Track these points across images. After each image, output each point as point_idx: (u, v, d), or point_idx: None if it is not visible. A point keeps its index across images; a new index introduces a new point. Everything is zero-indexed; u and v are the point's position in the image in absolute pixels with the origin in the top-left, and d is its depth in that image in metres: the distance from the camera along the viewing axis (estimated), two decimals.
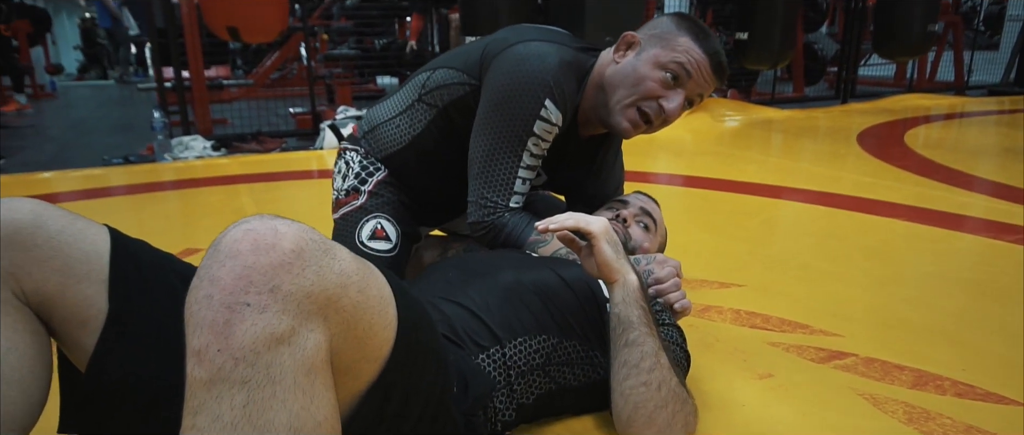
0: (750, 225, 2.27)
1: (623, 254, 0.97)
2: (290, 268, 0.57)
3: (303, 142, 4.19)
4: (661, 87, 1.21)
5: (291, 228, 0.59)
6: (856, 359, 1.31)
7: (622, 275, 0.95)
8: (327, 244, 0.62)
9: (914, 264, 1.87)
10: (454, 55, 1.34)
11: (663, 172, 3.23)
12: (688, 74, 1.20)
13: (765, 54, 4.68)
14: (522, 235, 1.25)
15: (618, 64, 1.24)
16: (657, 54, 1.21)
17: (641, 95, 1.21)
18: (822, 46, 6.70)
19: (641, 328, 0.93)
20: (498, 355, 0.97)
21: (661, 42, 1.21)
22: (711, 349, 1.37)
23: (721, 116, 4.75)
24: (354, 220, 1.40)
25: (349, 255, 0.63)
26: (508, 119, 1.21)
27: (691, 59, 1.19)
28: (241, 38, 3.47)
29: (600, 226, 0.95)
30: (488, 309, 1.00)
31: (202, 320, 0.56)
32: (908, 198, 2.56)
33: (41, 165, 3.59)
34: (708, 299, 1.62)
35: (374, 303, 0.64)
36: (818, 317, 1.51)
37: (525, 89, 1.18)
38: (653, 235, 1.31)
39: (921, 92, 6.08)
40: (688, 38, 1.20)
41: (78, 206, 2.68)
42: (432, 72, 1.34)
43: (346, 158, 1.46)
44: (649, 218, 1.31)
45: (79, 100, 7.90)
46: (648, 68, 1.21)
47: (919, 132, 4.30)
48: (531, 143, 1.22)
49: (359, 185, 1.41)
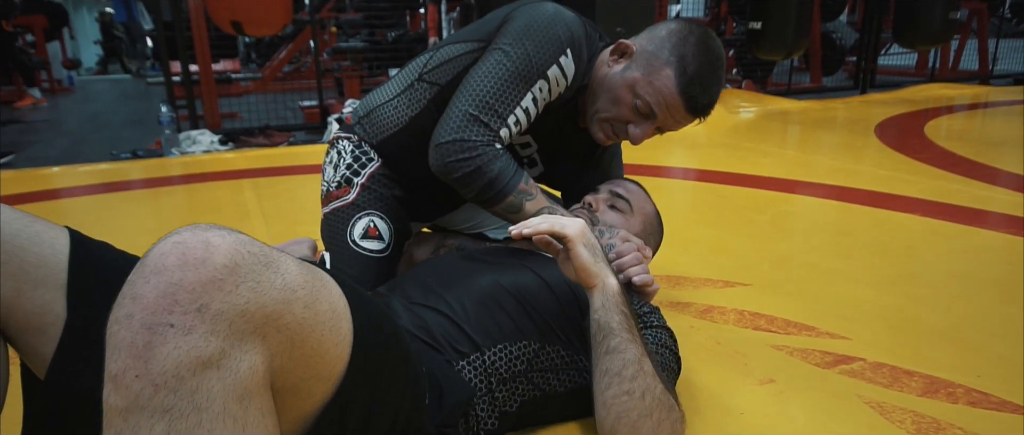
0: (759, 221, 2.20)
1: (602, 257, 0.93)
2: (221, 285, 0.53)
3: (312, 135, 4.18)
4: (632, 113, 1.18)
5: (226, 240, 0.55)
6: (863, 364, 1.25)
7: (601, 279, 0.91)
8: (269, 256, 0.57)
9: (929, 262, 1.79)
10: (465, 30, 1.28)
11: (673, 166, 3.16)
12: (654, 114, 1.16)
13: (779, 44, 4.58)
14: (510, 183, 1.13)
15: (609, 70, 1.20)
16: (636, 80, 1.16)
17: (614, 116, 1.19)
18: (841, 35, 6.55)
19: (622, 334, 0.88)
20: (479, 362, 0.94)
21: (645, 67, 1.16)
22: (711, 352, 1.31)
23: (735, 107, 4.65)
24: (346, 216, 1.36)
25: (296, 267, 0.59)
26: (528, 50, 1.13)
27: (661, 101, 1.14)
28: (245, 32, 3.44)
29: (576, 229, 0.91)
30: (466, 316, 0.97)
31: (120, 342, 0.52)
32: (926, 192, 2.48)
33: (51, 160, 3.60)
34: (711, 299, 1.56)
35: (324, 318, 0.60)
36: (825, 318, 1.45)
37: (551, 29, 1.14)
38: (629, 217, 1.25)
39: (943, 82, 5.92)
40: (671, 71, 1.13)
41: (79, 202, 2.68)
42: (435, 51, 1.29)
43: (338, 147, 1.40)
44: (621, 200, 1.26)
45: (96, 94, 7.98)
46: (625, 91, 1.17)
47: (940, 123, 4.18)
48: (538, 86, 1.15)
49: (351, 177, 1.35)
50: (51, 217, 0.85)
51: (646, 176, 2.84)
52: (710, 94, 1.15)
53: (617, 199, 1.27)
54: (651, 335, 1.05)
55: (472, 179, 1.13)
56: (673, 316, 1.47)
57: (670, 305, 1.53)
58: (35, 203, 2.60)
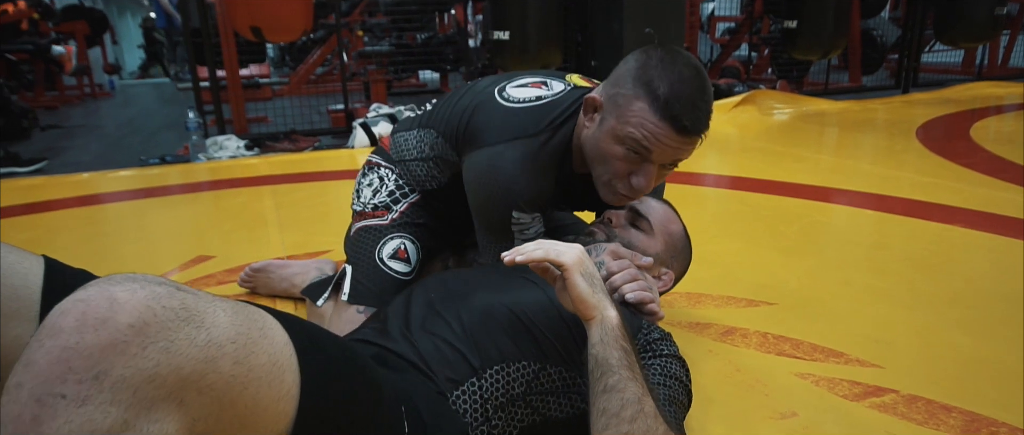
0: (789, 233, 2.10)
1: (601, 287, 0.86)
2: (124, 348, 0.48)
3: (338, 140, 4.17)
4: (626, 163, 1.08)
5: (135, 296, 0.50)
6: (896, 397, 1.16)
7: (599, 311, 0.84)
8: (191, 310, 0.52)
9: (972, 280, 1.67)
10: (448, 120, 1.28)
11: (702, 172, 3.05)
12: (646, 150, 1.05)
13: (815, 43, 4.42)
14: None
15: (587, 131, 1.13)
16: (614, 127, 1.07)
17: (611, 175, 1.11)
18: (882, 32, 6.31)
19: (622, 372, 0.81)
20: (474, 388, 0.89)
21: (616, 110, 1.07)
22: (730, 380, 1.23)
23: (769, 109, 4.51)
24: (377, 234, 1.38)
25: (227, 318, 0.54)
26: (488, 224, 1.24)
27: (645, 133, 1.03)
28: (265, 38, 3.44)
29: (573, 257, 0.84)
30: (463, 336, 0.93)
31: (8, 417, 0.47)
32: (970, 201, 2.33)
33: (83, 166, 3.66)
34: (733, 319, 1.48)
35: (261, 372, 0.55)
36: (856, 343, 1.35)
37: (491, 208, 1.20)
38: (651, 237, 1.18)
39: (991, 80, 5.65)
40: (644, 103, 1.02)
41: (102, 209, 2.70)
42: (436, 137, 1.30)
43: (381, 174, 1.43)
44: (642, 219, 1.18)
45: (135, 98, 8.15)
46: (608, 143, 1.08)
47: (988, 125, 3.97)
48: (514, 230, 1.21)
49: (392, 205, 1.39)
50: (73, 224, 0.81)
51: (671, 183, 2.75)
52: (696, 108, 1.02)
53: (638, 217, 1.20)
54: (659, 365, 0.98)
55: None
56: (691, 338, 1.39)
57: (689, 326, 1.45)
58: (59, 210, 2.63)
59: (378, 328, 0.97)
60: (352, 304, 1.30)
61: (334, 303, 1.34)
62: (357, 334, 0.99)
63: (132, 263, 1.96)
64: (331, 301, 1.35)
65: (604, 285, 0.87)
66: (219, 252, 2.03)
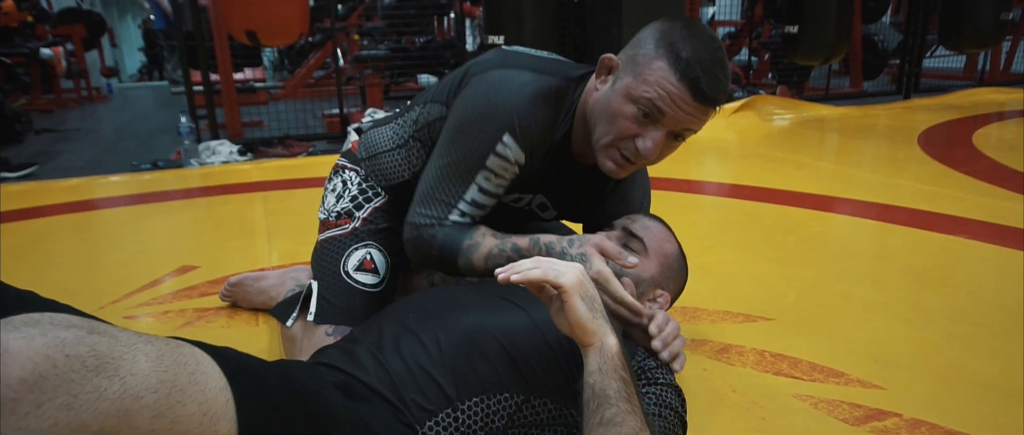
0: (788, 244, 2.05)
1: (601, 311, 0.81)
2: (15, 406, 0.42)
3: (333, 145, 4.13)
4: (635, 124, 1.03)
5: (32, 344, 0.44)
6: (899, 421, 1.11)
7: (598, 338, 0.78)
8: (104, 356, 0.46)
9: (976, 295, 1.62)
10: (443, 84, 1.23)
11: (700, 179, 3.00)
12: (660, 111, 1.01)
13: (816, 48, 4.37)
14: (455, 241, 1.10)
15: (598, 92, 1.09)
16: (629, 85, 1.03)
17: (616, 135, 1.05)
18: (883, 37, 6.26)
19: (620, 404, 0.76)
20: (449, 420, 0.83)
21: (634, 68, 1.03)
22: (725, 402, 1.18)
23: (769, 114, 4.46)
24: (342, 245, 1.30)
25: (147, 364, 0.48)
26: (461, 147, 1.10)
27: (662, 92, 0.99)
28: (260, 42, 3.40)
29: (572, 278, 0.78)
30: (441, 361, 0.86)
31: None
32: (973, 210, 2.28)
33: (74, 171, 3.61)
34: (729, 336, 1.43)
35: (190, 425, 0.50)
36: (857, 362, 1.30)
37: (485, 119, 1.08)
38: (644, 259, 1.12)
39: (994, 86, 5.60)
40: (664, 63, 0.99)
41: (90, 216, 2.65)
42: (423, 107, 1.24)
43: (344, 177, 1.37)
44: (635, 240, 1.13)
45: (133, 101, 8.12)
46: (620, 102, 1.03)
47: (990, 131, 3.93)
48: (481, 177, 1.10)
49: (354, 210, 1.32)
50: (61, 231, 0.76)
51: (668, 191, 2.71)
52: (716, 78, 1.00)
53: (631, 238, 1.14)
54: (654, 393, 0.92)
55: (425, 256, 1.14)
56: (687, 356, 1.33)
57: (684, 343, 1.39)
58: (47, 217, 2.58)
59: (346, 350, 0.92)
60: (320, 325, 1.23)
61: (303, 323, 1.27)
62: (323, 356, 0.93)
63: (116, 272, 1.92)
64: (300, 321, 1.27)
65: (605, 309, 0.82)
66: (204, 262, 1.98)
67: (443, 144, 1.13)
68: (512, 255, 1.06)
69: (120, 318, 1.59)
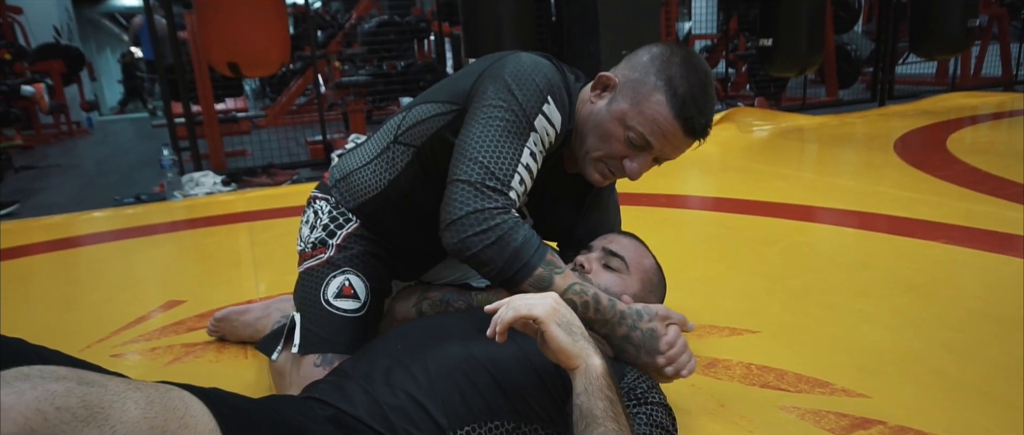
0: (770, 255, 2.08)
1: (581, 334, 0.83)
2: None
3: (317, 172, 4.14)
4: (625, 147, 1.10)
5: (23, 398, 0.45)
6: (884, 429, 1.13)
7: (582, 360, 0.80)
8: (93, 408, 0.47)
9: (956, 300, 1.65)
10: (437, 89, 1.23)
11: (681, 193, 3.04)
12: (650, 144, 1.08)
13: (791, 60, 4.45)
14: (536, 254, 1.02)
15: (593, 105, 1.13)
16: (625, 111, 1.08)
17: (606, 152, 1.11)
18: (856, 46, 6.39)
19: (608, 424, 0.78)
20: None
21: (632, 95, 1.08)
22: (713, 416, 1.19)
23: (748, 126, 4.52)
24: (320, 275, 1.29)
25: (137, 412, 0.49)
26: (514, 103, 1.05)
27: (656, 128, 1.07)
28: (242, 73, 3.42)
29: (545, 308, 0.81)
30: (432, 391, 0.87)
31: None
32: (951, 216, 2.33)
33: (57, 208, 3.59)
34: (715, 350, 1.44)
35: None
36: (841, 371, 1.32)
37: (529, 81, 1.07)
38: (626, 277, 1.15)
39: (965, 90, 5.73)
40: (662, 97, 1.05)
41: (74, 254, 2.63)
42: (408, 112, 1.23)
43: (315, 207, 1.36)
44: (616, 259, 1.15)
45: (113, 135, 8.08)
46: (614, 124, 1.09)
47: (964, 135, 4.01)
48: (532, 141, 1.07)
49: (327, 238, 1.31)
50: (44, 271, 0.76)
51: (650, 206, 2.74)
52: (706, 113, 1.08)
53: (611, 257, 1.16)
54: (644, 414, 0.94)
55: (496, 253, 1.01)
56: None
57: None
58: (31, 256, 2.56)
59: (336, 384, 0.92)
60: (305, 355, 1.22)
61: (289, 356, 1.26)
62: (314, 391, 0.93)
63: (101, 310, 1.90)
64: (286, 353, 1.26)
65: (586, 331, 0.84)
66: (191, 296, 1.97)
67: (490, 101, 1.06)
68: (590, 300, 1.02)
69: (108, 356, 1.58)
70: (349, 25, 6.11)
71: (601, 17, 3.91)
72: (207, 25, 3.41)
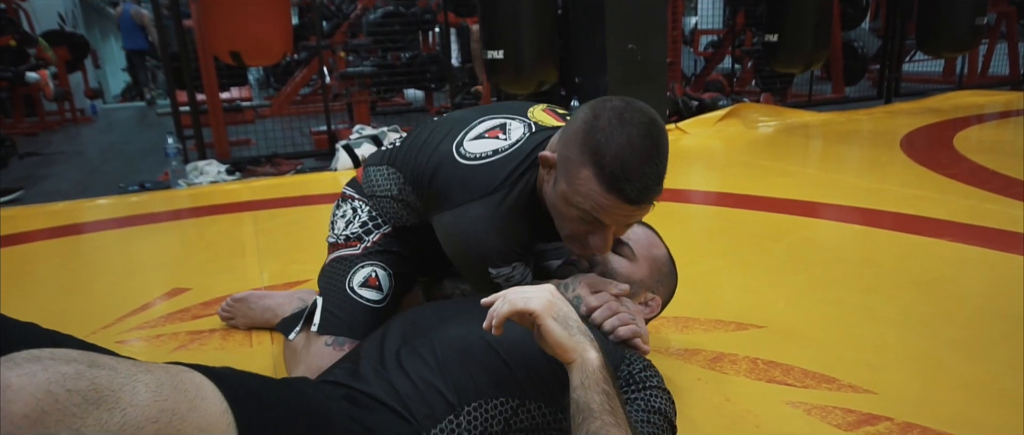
0: (776, 251, 2.07)
1: (578, 328, 0.84)
2: None
3: (321, 162, 4.13)
4: (582, 225, 1.05)
5: (34, 380, 0.45)
6: (891, 425, 1.12)
7: (578, 354, 0.81)
8: (104, 388, 0.47)
9: (963, 298, 1.65)
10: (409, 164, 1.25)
11: (687, 188, 3.03)
12: (597, 219, 1.02)
13: (796, 56, 4.43)
14: None
15: (546, 186, 1.09)
16: (565, 192, 1.03)
17: (569, 232, 1.08)
18: (863, 43, 6.36)
19: (604, 417, 0.78)
20: (452, 426, 0.86)
21: (566, 175, 1.02)
22: (719, 411, 1.19)
23: (754, 122, 4.50)
24: (349, 263, 1.35)
25: (148, 395, 0.49)
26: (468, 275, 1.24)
27: (595, 205, 0.99)
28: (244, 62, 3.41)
29: (541, 302, 0.82)
30: (441, 370, 0.89)
31: None
32: (958, 213, 2.32)
33: (61, 194, 3.59)
34: (721, 345, 1.44)
35: None
36: (848, 367, 1.32)
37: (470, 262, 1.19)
38: (634, 264, 1.15)
39: (972, 88, 5.70)
40: (590, 172, 0.97)
41: (78, 240, 2.63)
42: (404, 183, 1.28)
43: (354, 206, 1.41)
44: (623, 246, 1.16)
45: (117, 123, 8.07)
46: (563, 206, 1.05)
47: (971, 134, 3.99)
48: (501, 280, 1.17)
49: (363, 235, 1.37)
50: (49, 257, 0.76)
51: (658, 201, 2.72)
52: (644, 177, 0.96)
53: (619, 244, 1.17)
54: (642, 399, 0.93)
55: None
56: (679, 366, 1.35)
57: (677, 353, 1.41)
58: (36, 242, 2.56)
59: (350, 369, 0.93)
60: (321, 334, 1.27)
61: (305, 335, 1.30)
62: (328, 375, 0.95)
63: (106, 296, 1.91)
64: (303, 334, 1.32)
65: (582, 324, 0.84)
66: (196, 284, 1.97)
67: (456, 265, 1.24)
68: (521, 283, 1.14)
69: (112, 343, 1.58)
70: (354, 15, 6.10)
71: (607, 11, 3.89)
72: (210, 13, 3.40)
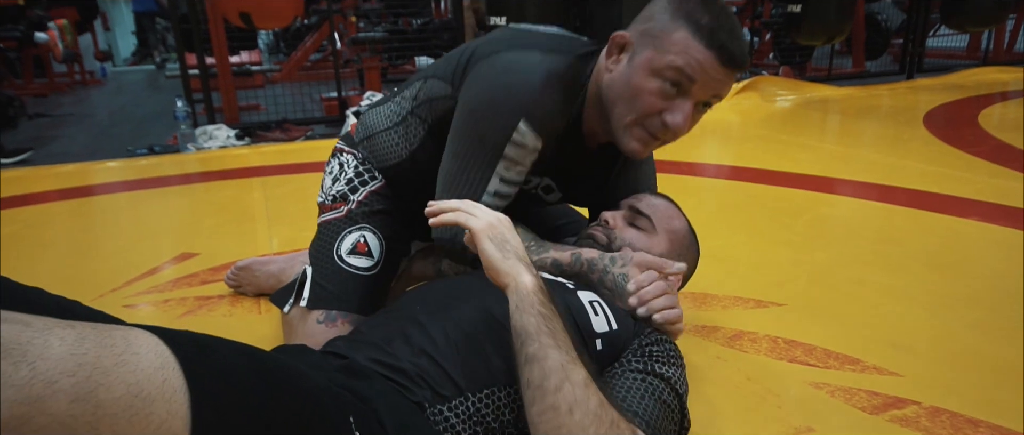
0: (796, 226, 2.02)
1: (514, 253, 0.82)
2: None
3: (331, 129, 4.08)
4: (661, 99, 1.00)
5: None
6: (918, 409, 1.09)
7: (512, 278, 0.80)
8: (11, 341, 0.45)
9: (989, 279, 1.60)
10: (445, 61, 1.18)
11: (702, 162, 2.97)
12: (690, 79, 0.98)
13: (819, 28, 4.31)
14: None
15: (611, 73, 1.04)
16: (651, 58, 0.99)
17: (641, 112, 1.01)
18: (886, 16, 6.19)
19: (542, 339, 0.74)
20: (463, 407, 0.82)
21: (654, 42, 0.99)
22: (740, 390, 1.16)
23: (772, 96, 4.41)
24: (336, 229, 1.28)
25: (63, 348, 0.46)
26: (478, 137, 1.06)
27: (691, 60, 0.97)
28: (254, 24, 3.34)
29: (482, 221, 0.82)
30: (450, 354, 0.84)
31: None
32: (982, 192, 2.26)
33: (70, 156, 3.56)
34: (741, 322, 1.40)
35: (116, 408, 0.47)
36: (872, 348, 1.28)
37: (499, 106, 1.03)
38: (652, 236, 1.10)
39: (998, 65, 5.55)
40: (686, 32, 0.96)
41: (87, 202, 2.61)
42: (424, 81, 1.20)
43: (341, 159, 1.34)
44: (642, 217, 1.10)
45: (127, 86, 8.03)
46: (642, 77, 1.00)
47: (995, 111, 3.89)
48: (502, 167, 1.06)
49: (349, 193, 1.29)
50: (57, 218, 0.73)
51: (671, 174, 2.67)
52: (738, 40, 0.98)
53: (637, 216, 1.12)
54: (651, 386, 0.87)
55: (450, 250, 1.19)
56: (699, 343, 1.32)
57: (695, 330, 1.37)
58: (43, 204, 2.55)
59: (354, 345, 0.89)
60: (312, 310, 1.19)
61: (299, 310, 1.23)
62: (329, 347, 0.91)
63: (113, 260, 1.89)
64: (297, 307, 1.24)
65: (522, 250, 0.83)
66: (204, 249, 1.95)
67: (458, 132, 1.09)
68: (551, 269, 1.06)
69: (120, 307, 1.57)
70: None
71: None
72: None
